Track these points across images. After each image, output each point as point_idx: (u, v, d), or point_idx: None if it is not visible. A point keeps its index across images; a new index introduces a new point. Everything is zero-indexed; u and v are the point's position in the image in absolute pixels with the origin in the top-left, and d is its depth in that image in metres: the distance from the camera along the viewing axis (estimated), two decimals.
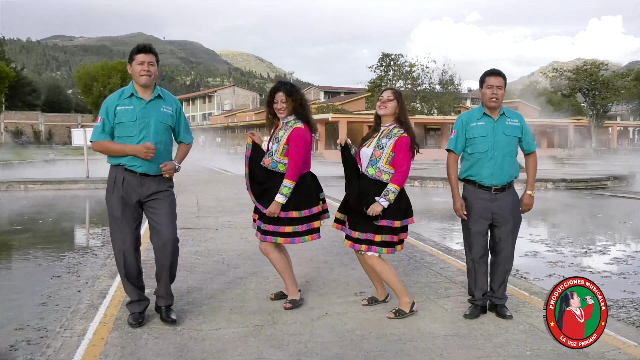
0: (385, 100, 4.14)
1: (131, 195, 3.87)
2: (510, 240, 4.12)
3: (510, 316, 4.12)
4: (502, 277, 4.18)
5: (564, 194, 16.54)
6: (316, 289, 4.92)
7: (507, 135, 4.06)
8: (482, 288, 4.20)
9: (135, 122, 3.82)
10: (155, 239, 3.99)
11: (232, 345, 3.60)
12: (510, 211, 4.09)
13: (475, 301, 4.23)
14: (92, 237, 9.40)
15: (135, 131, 3.82)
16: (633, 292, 5.82)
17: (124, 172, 3.86)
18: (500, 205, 4.06)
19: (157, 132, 3.89)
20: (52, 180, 18.04)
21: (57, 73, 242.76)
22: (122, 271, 3.97)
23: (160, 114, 3.92)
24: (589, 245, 8.52)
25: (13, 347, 4.18)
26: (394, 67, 52.40)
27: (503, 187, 4.07)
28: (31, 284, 6.17)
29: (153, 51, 3.90)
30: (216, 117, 76.93)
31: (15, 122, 65.93)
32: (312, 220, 4.27)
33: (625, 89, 54.88)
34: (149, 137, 3.84)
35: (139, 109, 3.84)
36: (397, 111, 4.13)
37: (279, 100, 4.19)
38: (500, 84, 4.02)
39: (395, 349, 3.56)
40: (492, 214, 4.07)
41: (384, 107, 4.13)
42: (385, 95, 4.16)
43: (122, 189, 3.85)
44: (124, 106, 3.83)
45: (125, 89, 3.92)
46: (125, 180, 3.85)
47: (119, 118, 3.81)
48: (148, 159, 3.78)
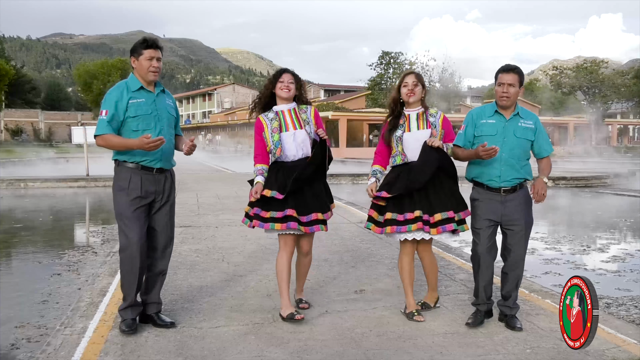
0: (411, 86, 4.05)
1: (148, 195, 3.76)
2: (522, 243, 3.90)
3: (520, 328, 3.87)
4: (514, 283, 3.94)
5: (564, 192, 16.54)
6: (316, 287, 4.92)
7: (518, 137, 3.85)
8: (488, 290, 3.99)
9: (150, 115, 3.74)
10: (155, 243, 3.89)
11: (232, 343, 3.60)
12: (521, 212, 3.88)
13: (478, 305, 4.02)
14: (92, 235, 9.39)
15: (152, 124, 3.74)
16: (632, 289, 5.82)
17: (139, 171, 3.74)
18: (510, 206, 3.87)
19: (169, 124, 3.87)
20: (52, 178, 18.05)
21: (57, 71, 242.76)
22: (136, 273, 3.75)
23: (168, 106, 3.89)
24: (588, 243, 8.52)
25: (14, 345, 4.18)
26: (394, 65, 52.37)
27: (513, 188, 3.88)
28: (31, 282, 6.17)
29: (160, 46, 3.84)
30: (216, 115, 76.81)
31: (15, 120, 65.88)
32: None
33: (626, 87, 54.85)
34: (164, 130, 3.78)
35: (150, 102, 3.77)
36: (424, 95, 4.13)
37: (287, 80, 4.09)
38: (512, 81, 3.82)
39: (395, 347, 3.56)
40: (502, 215, 3.88)
41: (413, 93, 4.05)
42: (410, 81, 4.06)
43: (140, 190, 3.72)
44: (136, 99, 3.72)
45: (129, 83, 3.79)
46: (142, 179, 3.73)
47: (134, 111, 3.69)
48: (154, 149, 3.63)
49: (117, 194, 3.78)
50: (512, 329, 3.86)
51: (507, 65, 3.93)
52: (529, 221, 3.94)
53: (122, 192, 3.75)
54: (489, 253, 3.94)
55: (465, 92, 62.49)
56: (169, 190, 3.91)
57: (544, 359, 3.40)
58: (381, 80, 51.57)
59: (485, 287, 3.99)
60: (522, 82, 3.89)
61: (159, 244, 3.90)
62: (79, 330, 3.83)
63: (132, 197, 3.72)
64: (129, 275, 3.78)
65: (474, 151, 3.81)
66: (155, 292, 3.97)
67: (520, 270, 3.96)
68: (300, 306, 4.30)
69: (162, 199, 3.86)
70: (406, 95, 4.07)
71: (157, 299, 3.97)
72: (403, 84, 4.10)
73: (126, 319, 3.79)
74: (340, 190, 15.93)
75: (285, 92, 4.08)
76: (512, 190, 3.88)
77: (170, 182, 3.93)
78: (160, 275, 3.97)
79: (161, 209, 3.87)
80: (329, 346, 3.57)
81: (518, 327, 3.87)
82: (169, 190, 3.92)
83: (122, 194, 3.75)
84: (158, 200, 3.84)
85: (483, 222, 3.92)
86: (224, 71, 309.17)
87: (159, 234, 3.89)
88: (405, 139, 4.05)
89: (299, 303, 4.34)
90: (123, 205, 3.74)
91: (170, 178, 3.94)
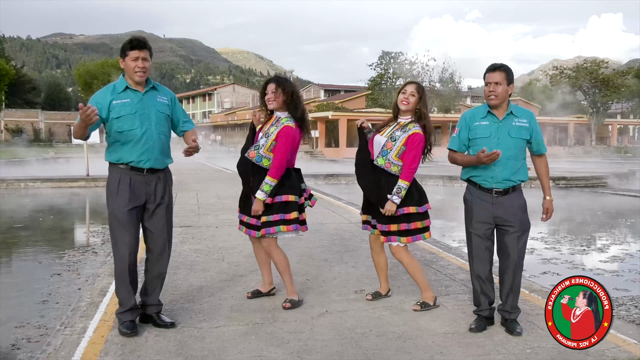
0: (408, 95, 4.11)
1: (139, 197, 3.71)
2: (515, 245, 3.78)
3: (519, 333, 3.77)
4: (510, 285, 3.82)
5: (564, 192, 16.54)
6: (316, 287, 4.92)
7: (513, 137, 3.76)
8: (489, 296, 3.93)
9: (135, 114, 3.67)
10: (152, 245, 3.85)
11: (232, 343, 3.60)
12: (515, 215, 3.78)
13: (481, 312, 3.96)
14: (92, 235, 9.40)
15: (137, 123, 3.67)
16: (632, 289, 5.82)
17: (129, 171, 3.68)
18: (503, 208, 3.78)
19: (158, 122, 3.76)
20: (52, 178, 18.05)
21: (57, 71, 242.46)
22: (128, 277, 3.73)
23: (158, 104, 3.79)
24: (588, 243, 8.52)
25: (15, 345, 4.19)
26: (394, 65, 52.41)
27: (506, 190, 3.79)
28: (31, 282, 6.17)
29: (147, 46, 3.73)
30: (216, 115, 76.84)
31: (15, 120, 65.83)
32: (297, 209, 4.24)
33: (626, 87, 54.82)
34: (151, 129, 3.72)
35: (136, 101, 3.70)
36: (419, 107, 4.13)
37: (270, 90, 4.15)
38: (499, 79, 3.70)
39: (396, 347, 3.56)
40: (495, 217, 3.81)
41: (407, 102, 4.11)
42: (409, 90, 4.13)
43: (129, 191, 3.67)
44: (120, 100, 3.66)
45: (117, 84, 3.75)
46: (132, 180, 3.68)
47: (117, 112, 3.66)
48: (89, 120, 3.37)
49: (108, 197, 3.75)
50: (511, 334, 3.79)
51: (492, 64, 3.81)
52: (525, 223, 3.84)
53: (112, 194, 3.71)
54: (483, 255, 3.89)
55: (465, 92, 62.45)
56: (162, 192, 3.81)
57: (544, 359, 3.41)
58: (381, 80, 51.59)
59: (485, 293, 3.92)
60: (510, 79, 3.76)
61: (155, 246, 3.85)
62: (79, 330, 3.83)
63: (121, 198, 3.67)
64: (120, 279, 3.75)
65: (474, 157, 3.73)
66: (154, 294, 3.92)
67: (515, 273, 3.82)
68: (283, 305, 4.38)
69: (155, 201, 3.77)
70: (400, 101, 4.14)
71: (156, 301, 3.94)
72: (402, 91, 4.17)
73: (125, 321, 3.75)
74: (339, 191, 15.94)
75: (270, 104, 4.18)
76: (504, 192, 3.81)
77: (163, 182, 3.83)
78: (159, 277, 3.92)
79: (156, 211, 3.79)
80: (329, 346, 3.57)
81: (517, 332, 3.78)
82: (163, 192, 3.81)
83: (112, 196, 3.71)
84: (151, 202, 3.76)
85: (476, 225, 3.87)
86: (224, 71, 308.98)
87: (156, 237, 3.83)
88: (374, 139, 4.22)
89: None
90: (113, 207, 3.70)
91: (163, 179, 3.84)
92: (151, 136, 3.72)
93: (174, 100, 3.95)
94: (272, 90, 4.14)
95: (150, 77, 3.80)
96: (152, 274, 3.89)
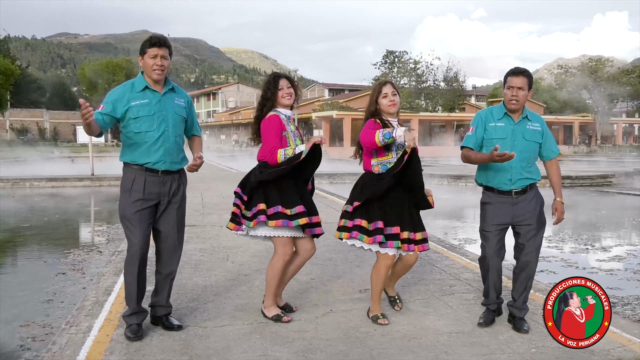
0: (392, 96, 3.91)
1: (152, 197, 3.69)
2: (533, 243, 3.85)
3: (527, 330, 3.82)
4: (524, 284, 3.89)
5: (569, 191, 16.49)
6: (321, 286, 4.93)
7: (527, 140, 3.82)
8: (497, 289, 3.98)
9: (153, 116, 3.65)
10: (164, 245, 3.84)
11: (237, 342, 3.61)
12: (532, 211, 3.85)
13: (489, 304, 4.01)
14: (97, 234, 9.43)
15: (154, 125, 3.65)
16: (638, 289, 5.80)
17: (144, 172, 3.66)
18: (522, 207, 3.84)
19: (175, 125, 3.75)
20: (57, 177, 18.09)
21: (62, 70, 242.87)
22: (137, 278, 3.70)
23: (176, 106, 3.78)
24: (593, 242, 8.50)
25: (20, 344, 4.20)
26: (398, 64, 52.42)
27: (524, 189, 3.85)
28: (36, 281, 6.20)
29: (167, 44, 3.72)
30: (221, 115, 76.92)
31: (21, 119, 66.03)
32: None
33: (631, 86, 54.60)
34: (168, 131, 3.70)
35: (154, 102, 3.68)
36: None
37: (285, 86, 3.97)
38: (522, 84, 3.75)
39: (400, 346, 3.56)
40: (513, 216, 3.85)
41: (395, 103, 3.92)
42: (389, 91, 3.91)
43: (143, 192, 3.65)
44: (139, 100, 3.63)
45: (135, 82, 3.71)
46: (146, 181, 3.66)
47: (135, 113, 3.63)
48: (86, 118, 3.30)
49: (121, 195, 3.75)
50: (518, 331, 3.83)
51: (516, 68, 3.85)
52: (542, 221, 3.90)
53: (125, 193, 3.71)
54: (498, 255, 3.93)
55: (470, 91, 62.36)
56: (175, 192, 3.81)
57: (549, 358, 3.40)
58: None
59: (495, 287, 3.98)
60: (531, 85, 3.82)
61: (166, 246, 3.84)
62: (84, 329, 3.84)
63: (134, 198, 3.66)
64: (132, 283, 3.73)
65: (488, 155, 3.71)
66: (163, 294, 3.90)
67: (531, 270, 3.89)
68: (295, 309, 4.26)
69: (168, 200, 3.77)
70: (388, 106, 3.91)
71: (165, 303, 3.91)
72: (382, 95, 3.91)
73: (131, 324, 3.73)
74: (344, 190, 15.92)
75: (288, 99, 3.99)
76: (523, 191, 3.86)
77: (177, 183, 3.83)
78: (169, 277, 3.90)
79: (167, 211, 3.79)
80: (334, 345, 3.57)
81: (524, 329, 3.83)
82: (176, 192, 3.82)
83: (125, 195, 3.71)
84: (164, 202, 3.76)
85: (492, 226, 3.91)
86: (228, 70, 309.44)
87: (166, 237, 3.83)
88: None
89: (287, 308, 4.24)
90: (125, 206, 3.70)
91: (178, 180, 3.84)
92: (168, 138, 3.70)
93: (190, 103, 3.95)
94: (288, 86, 3.99)
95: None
96: (162, 273, 3.88)
